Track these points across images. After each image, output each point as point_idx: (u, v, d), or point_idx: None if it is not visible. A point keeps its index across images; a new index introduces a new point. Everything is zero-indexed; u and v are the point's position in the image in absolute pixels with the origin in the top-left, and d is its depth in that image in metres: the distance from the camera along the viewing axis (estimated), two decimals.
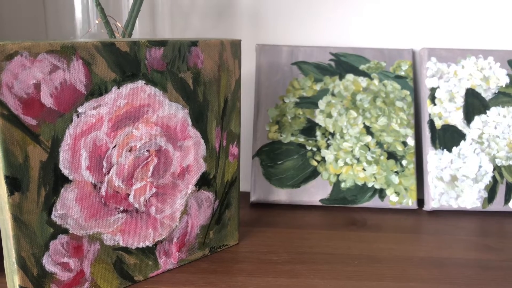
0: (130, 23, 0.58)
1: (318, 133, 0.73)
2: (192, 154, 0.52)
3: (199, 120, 0.51)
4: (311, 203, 0.72)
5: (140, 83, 0.46)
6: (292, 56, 0.76)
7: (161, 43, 0.47)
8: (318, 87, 0.75)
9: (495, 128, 0.73)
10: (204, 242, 0.56)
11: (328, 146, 0.73)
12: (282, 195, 0.72)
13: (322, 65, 0.75)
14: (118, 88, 0.45)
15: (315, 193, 0.72)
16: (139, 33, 0.71)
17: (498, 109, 0.74)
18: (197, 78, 0.50)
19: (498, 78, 0.75)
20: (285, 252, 0.58)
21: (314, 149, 0.73)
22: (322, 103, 0.74)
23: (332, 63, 0.75)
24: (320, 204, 0.72)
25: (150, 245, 0.51)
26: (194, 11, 0.77)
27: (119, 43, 0.44)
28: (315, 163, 0.73)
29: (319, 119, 0.74)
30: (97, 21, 0.54)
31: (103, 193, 0.46)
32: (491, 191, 0.72)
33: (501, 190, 0.72)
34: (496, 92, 0.74)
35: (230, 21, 0.77)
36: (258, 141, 0.74)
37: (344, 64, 0.75)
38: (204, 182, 0.54)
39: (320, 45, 0.77)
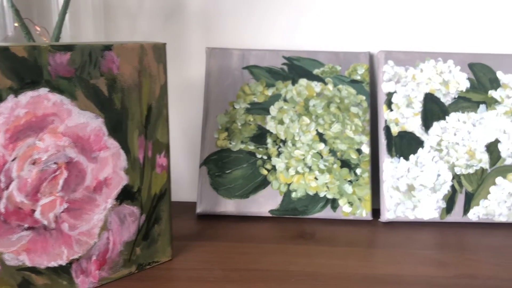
0: (57, 26, 0.54)
1: (269, 140, 0.69)
2: (110, 166, 0.48)
3: (117, 129, 0.47)
4: (260, 214, 0.68)
5: (43, 90, 0.42)
6: (243, 60, 0.72)
7: (67, 48, 0.43)
8: (270, 92, 0.71)
9: (455, 134, 0.69)
10: (130, 259, 0.52)
11: (279, 154, 0.69)
12: (229, 206, 0.68)
13: (274, 70, 0.71)
14: (16, 96, 0.41)
15: (264, 203, 0.68)
16: (78, 37, 0.67)
17: (458, 115, 0.70)
18: (112, 84, 0.46)
19: (458, 82, 0.71)
20: (220, 268, 0.54)
21: (265, 157, 0.69)
22: (273, 109, 0.70)
23: (285, 67, 0.71)
24: (269, 215, 0.68)
25: (64, 264, 0.47)
26: (141, 13, 0.73)
27: (14, 48, 0.40)
28: (265, 172, 0.69)
29: (270, 126, 0.70)
30: (16, 25, 0.50)
31: (2, 210, 0.42)
32: (450, 201, 0.68)
33: (460, 200, 0.68)
34: (456, 97, 0.70)
35: (179, 23, 0.73)
36: (206, 149, 0.70)
37: (297, 68, 0.71)
38: (126, 195, 0.50)
39: (273, 49, 0.73)
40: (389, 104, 0.70)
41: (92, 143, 0.46)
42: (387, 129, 0.69)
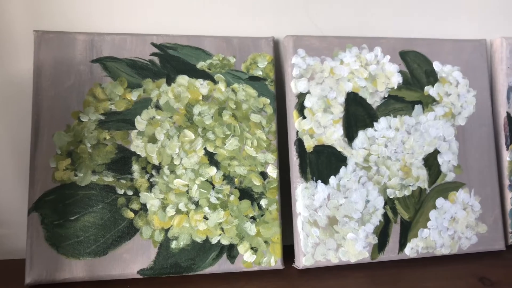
0: None
1: (135, 167, 0.47)
2: None
3: None
4: (125, 276, 0.45)
5: None
6: (92, 50, 0.48)
7: None
8: (134, 96, 0.48)
9: (386, 146, 0.52)
10: None
11: (151, 187, 0.47)
12: (78, 269, 0.44)
13: (140, 63, 0.48)
14: None
15: (131, 261, 0.46)
16: None
17: (388, 120, 0.52)
18: None
19: (388, 76, 0.53)
20: None
21: (129, 192, 0.47)
22: (140, 121, 0.48)
23: (156, 60, 0.49)
24: (139, 276, 0.46)
25: None
26: None
27: None
28: (130, 215, 0.46)
29: (137, 145, 0.47)
30: None
31: None
32: (382, 234, 0.51)
33: (395, 232, 0.51)
34: (386, 96, 0.53)
35: None
36: (37, 185, 0.45)
37: (174, 60, 0.49)
38: None
39: (137, 32, 0.49)
40: (301, 109, 0.50)
41: None
42: (300, 143, 0.50)
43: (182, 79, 0.49)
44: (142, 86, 0.48)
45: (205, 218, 0.47)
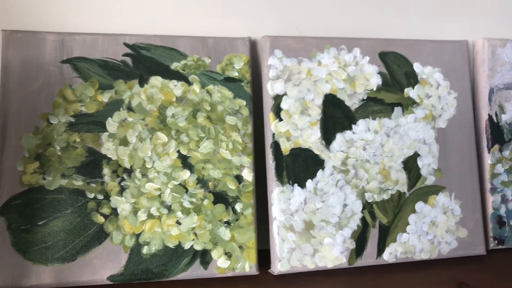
0: None
1: (106, 171, 0.46)
2: None
3: None
4: (95, 282, 0.44)
5: None
6: (62, 50, 0.46)
7: None
8: (105, 97, 0.46)
9: (364, 149, 0.51)
10: None
11: (122, 191, 0.46)
12: (45, 275, 0.43)
13: (112, 64, 0.47)
14: None
15: (100, 267, 0.44)
16: None
17: (367, 122, 0.51)
18: None
19: (367, 78, 0.52)
20: None
21: (100, 196, 0.45)
22: (112, 123, 0.46)
23: (128, 60, 0.47)
24: (109, 283, 0.45)
25: None
26: None
27: None
28: (100, 220, 0.45)
29: (108, 148, 0.46)
30: None
31: None
32: (360, 239, 0.50)
33: (373, 236, 0.50)
34: (365, 98, 0.52)
35: None
36: (4, 189, 0.43)
37: (147, 61, 0.48)
38: None
39: (109, 32, 0.48)
40: (277, 111, 0.49)
41: None
42: (276, 146, 0.49)
43: (155, 80, 0.47)
44: (114, 87, 0.46)
45: (178, 223, 0.46)
